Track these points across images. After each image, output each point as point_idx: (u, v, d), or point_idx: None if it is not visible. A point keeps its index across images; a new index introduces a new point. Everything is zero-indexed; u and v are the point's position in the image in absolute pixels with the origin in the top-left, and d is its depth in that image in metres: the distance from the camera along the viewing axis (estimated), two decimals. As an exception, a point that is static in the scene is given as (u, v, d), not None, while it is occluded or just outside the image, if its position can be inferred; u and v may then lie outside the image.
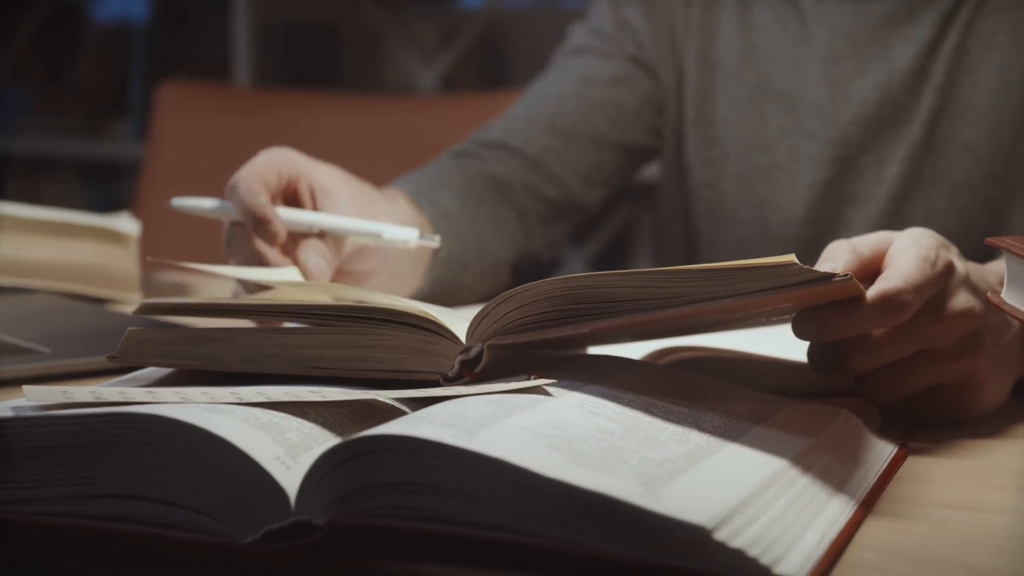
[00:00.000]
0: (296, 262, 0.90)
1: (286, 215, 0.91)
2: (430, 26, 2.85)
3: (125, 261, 1.17)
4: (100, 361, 0.83)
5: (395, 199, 1.04)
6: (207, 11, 3.03)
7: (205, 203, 0.94)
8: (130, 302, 1.15)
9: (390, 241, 0.92)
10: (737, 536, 0.49)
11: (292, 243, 0.91)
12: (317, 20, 2.93)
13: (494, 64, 2.85)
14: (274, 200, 0.91)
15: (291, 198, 0.94)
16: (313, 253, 0.90)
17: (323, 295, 0.76)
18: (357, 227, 0.92)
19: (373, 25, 2.87)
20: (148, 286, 1.20)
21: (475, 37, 2.80)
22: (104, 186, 3.21)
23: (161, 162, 1.93)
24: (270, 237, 0.89)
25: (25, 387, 0.58)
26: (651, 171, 1.79)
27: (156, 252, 1.33)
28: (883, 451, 0.66)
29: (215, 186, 0.93)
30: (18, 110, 3.26)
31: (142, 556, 0.54)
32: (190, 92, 2.02)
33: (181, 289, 1.22)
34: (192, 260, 1.26)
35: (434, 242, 0.94)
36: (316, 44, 2.92)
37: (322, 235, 0.91)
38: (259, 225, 0.89)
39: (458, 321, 0.66)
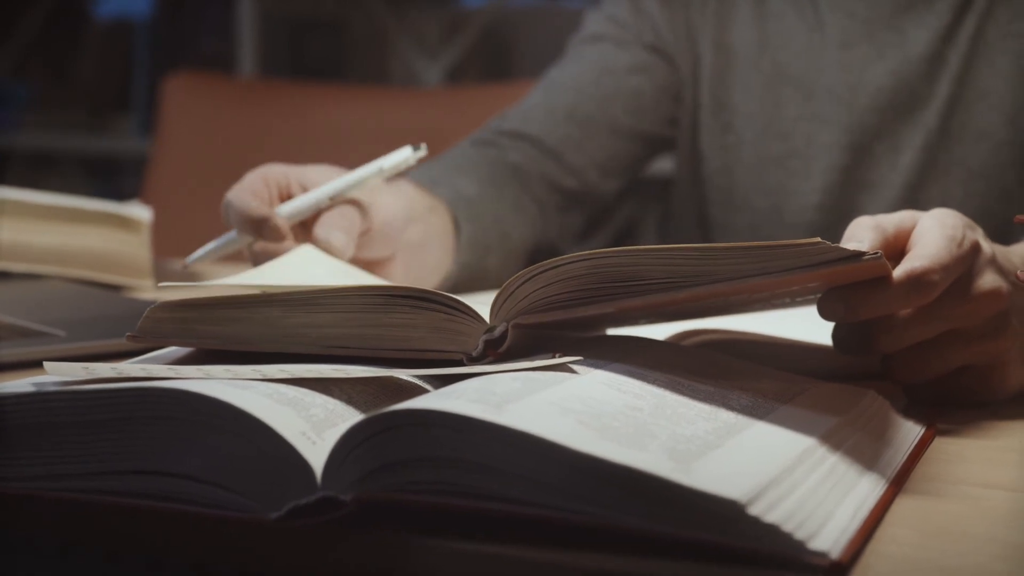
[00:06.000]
0: (317, 243, 0.89)
1: (287, 208, 0.91)
2: (433, 23, 2.84)
3: (137, 247, 1.16)
4: (116, 344, 0.83)
5: (400, 187, 1.02)
6: (209, 6, 3.02)
7: (211, 244, 0.94)
8: (142, 288, 1.15)
9: (394, 167, 0.92)
10: (770, 511, 0.48)
11: (306, 233, 0.91)
12: (320, 15, 2.92)
13: (498, 61, 2.84)
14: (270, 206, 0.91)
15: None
16: (332, 228, 0.89)
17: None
18: (358, 176, 0.92)
19: (377, 21, 2.86)
20: (160, 273, 1.19)
21: (478, 35, 2.79)
22: (107, 181, 3.20)
23: (167, 154, 1.92)
24: (275, 233, 0.89)
25: (46, 363, 0.58)
26: (659, 166, 1.79)
27: (165, 243, 1.33)
28: (911, 431, 0.66)
29: (221, 178, 0.93)
30: (21, 105, 3.25)
31: (165, 532, 0.54)
32: (196, 84, 2.02)
33: (193, 277, 1.21)
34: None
35: (423, 151, 0.94)
36: (319, 40, 2.91)
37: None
38: (261, 226, 0.89)
39: (478, 304, 0.65)
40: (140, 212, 1.19)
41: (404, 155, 0.93)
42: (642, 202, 2.65)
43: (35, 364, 0.79)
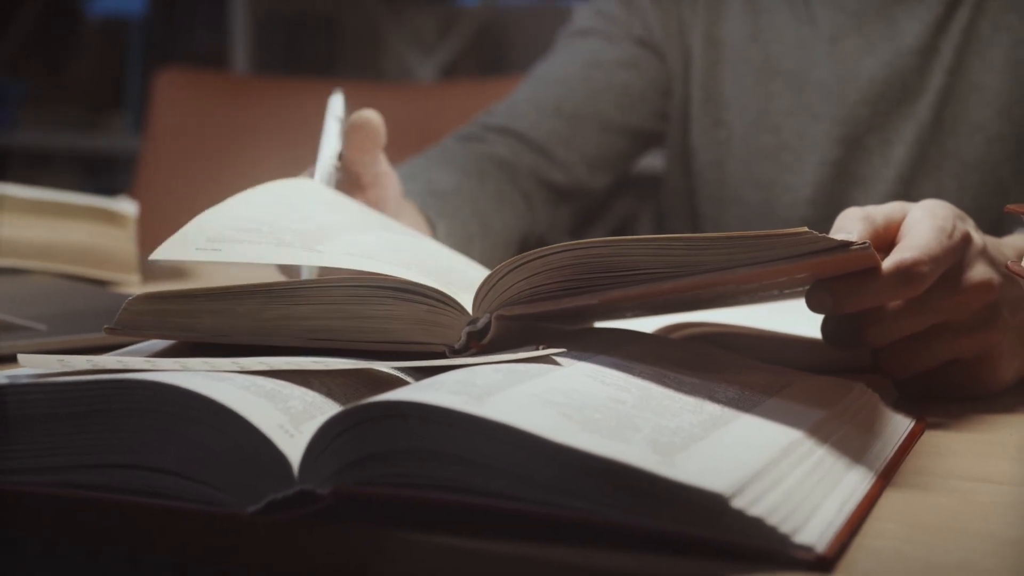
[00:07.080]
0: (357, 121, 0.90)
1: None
2: (428, 21, 2.84)
3: (123, 242, 1.15)
4: (98, 338, 0.82)
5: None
6: (202, 3, 3.02)
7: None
8: (128, 283, 1.14)
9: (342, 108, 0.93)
10: (755, 505, 0.48)
11: None
12: (315, 12, 2.91)
13: (492, 59, 2.84)
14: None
15: None
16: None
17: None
18: (333, 132, 0.91)
19: (371, 18, 2.85)
20: (146, 268, 1.18)
21: (473, 33, 2.79)
22: (101, 179, 3.19)
23: (158, 150, 1.91)
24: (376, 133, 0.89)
25: (20, 355, 0.57)
26: (653, 162, 1.78)
27: (155, 238, 1.32)
28: (900, 424, 0.65)
29: (212, 173, 0.92)
30: (15, 103, 3.25)
31: (141, 527, 0.53)
32: (187, 80, 2.01)
33: (180, 272, 1.20)
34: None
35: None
36: (313, 36, 2.90)
37: None
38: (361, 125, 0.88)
39: (463, 292, 0.64)
40: (126, 206, 1.18)
41: (337, 99, 0.94)
42: (637, 199, 2.64)
43: (14, 358, 0.78)
